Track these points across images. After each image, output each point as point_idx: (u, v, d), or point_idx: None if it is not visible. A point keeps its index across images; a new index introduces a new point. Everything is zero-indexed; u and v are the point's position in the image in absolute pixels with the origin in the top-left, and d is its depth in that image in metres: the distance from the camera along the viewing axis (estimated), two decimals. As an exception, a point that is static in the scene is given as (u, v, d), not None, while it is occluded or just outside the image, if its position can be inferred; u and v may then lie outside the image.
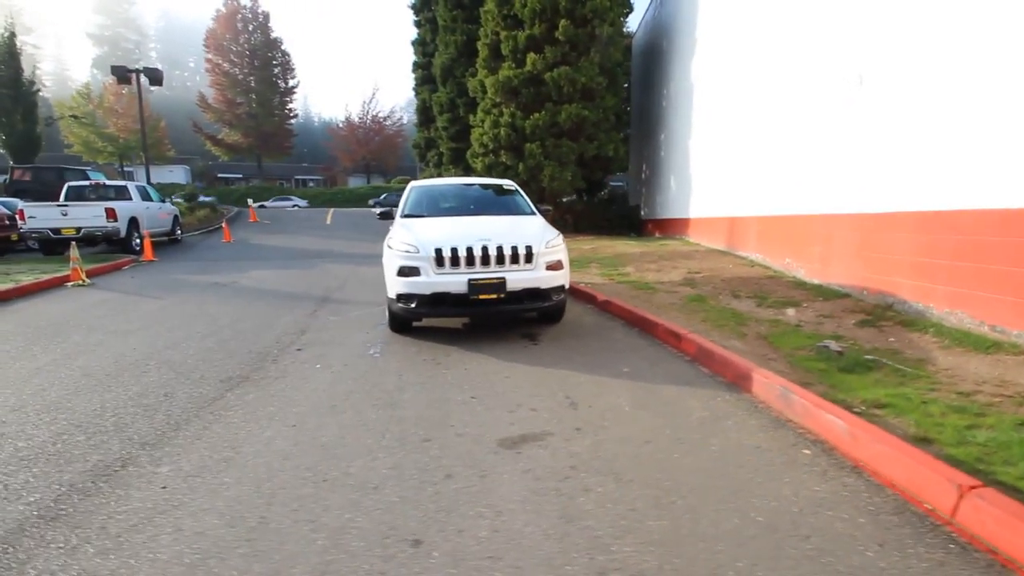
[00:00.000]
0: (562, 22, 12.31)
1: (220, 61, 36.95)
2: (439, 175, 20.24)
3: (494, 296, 4.46)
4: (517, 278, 4.50)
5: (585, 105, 12.91)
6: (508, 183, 6.41)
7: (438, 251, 4.45)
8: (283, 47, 39.12)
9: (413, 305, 4.52)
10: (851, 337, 4.31)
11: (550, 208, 8.03)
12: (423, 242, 4.54)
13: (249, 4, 38.00)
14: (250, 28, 38.00)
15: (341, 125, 51.89)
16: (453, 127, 16.97)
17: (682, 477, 2.32)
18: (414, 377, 3.77)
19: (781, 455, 2.51)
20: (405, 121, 55.44)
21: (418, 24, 20.79)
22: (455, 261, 4.45)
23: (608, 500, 2.13)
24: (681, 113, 12.07)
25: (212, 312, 6.18)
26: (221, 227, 16.99)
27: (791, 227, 6.81)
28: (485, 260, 4.47)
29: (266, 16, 38.45)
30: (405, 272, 4.51)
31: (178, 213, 15.69)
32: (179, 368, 4.03)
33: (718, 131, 9.60)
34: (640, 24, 16.63)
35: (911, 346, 3.91)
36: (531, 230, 4.88)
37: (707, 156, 10.33)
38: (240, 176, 50.76)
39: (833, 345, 3.92)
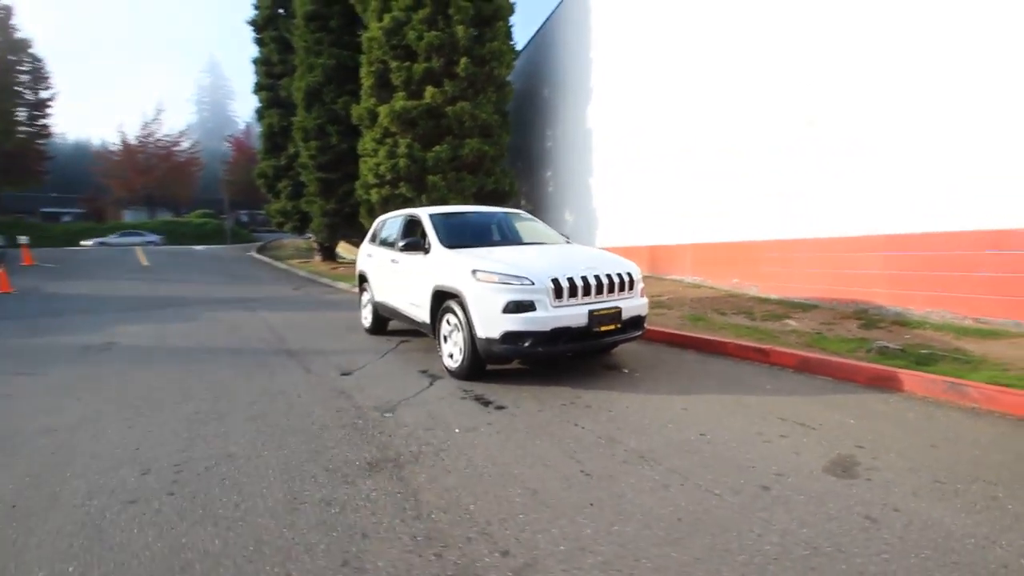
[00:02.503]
0: (463, 60, 12.35)
1: (-70, 57, 27.11)
2: (295, 209, 18.04)
3: (612, 327, 4.17)
4: (628, 306, 4.30)
5: (484, 141, 13.05)
6: (522, 212, 6.11)
7: (555, 282, 3.99)
8: (32, 50, 30.59)
9: (527, 344, 3.93)
10: (868, 337, 5.16)
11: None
12: (534, 272, 4.02)
13: (-21, -10, 28.96)
14: (-20, 20, 28.89)
15: (103, 148, 42.81)
16: (323, 156, 15.38)
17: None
18: (598, 427, 3.27)
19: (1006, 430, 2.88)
20: (202, 148, 48.42)
21: (260, 42, 18.46)
22: (573, 292, 4.05)
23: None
24: (575, 154, 13.06)
25: (148, 385, 4.41)
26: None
27: (737, 252, 7.86)
28: (599, 289, 4.17)
29: (7, 10, 29.71)
30: (516, 308, 3.92)
31: (-88, 257, 10.93)
32: (267, 468, 2.79)
33: (631, 173, 10.62)
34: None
35: (932, 340, 4.85)
36: (613, 257, 4.72)
37: (616, 194, 11.31)
38: (-50, 209, 37.53)
39: (892, 344, 4.65)
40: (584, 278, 4.10)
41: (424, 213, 5.47)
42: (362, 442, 3.10)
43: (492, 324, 3.98)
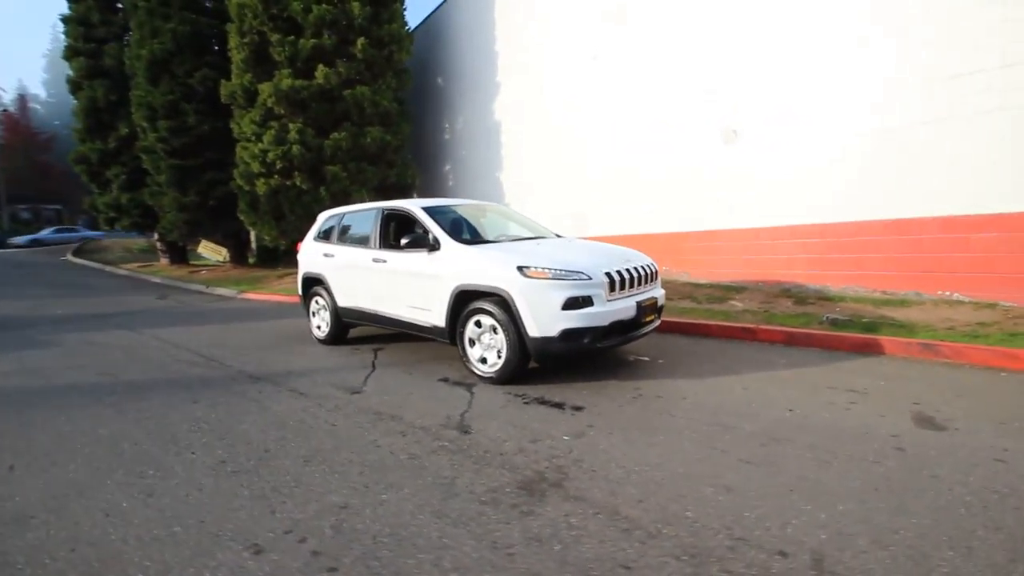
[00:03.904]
0: (360, 40, 11.36)
1: None
2: (133, 202, 14.88)
3: (652, 317, 4.27)
4: (660, 296, 4.45)
5: (386, 130, 12.22)
6: (501, 205, 5.87)
7: (608, 275, 3.93)
8: None
9: (586, 340, 3.83)
10: (808, 312, 6.05)
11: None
12: (585, 267, 3.91)
13: None
14: None
15: None
16: (178, 139, 12.87)
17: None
18: (697, 415, 3.33)
19: (1005, 380, 3.67)
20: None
21: (73, -5, 14.71)
22: (623, 285, 4.03)
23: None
24: (480, 149, 12.88)
25: (99, 437, 3.35)
26: None
27: (666, 242, 8.56)
28: (639, 281, 4.22)
29: None
30: (576, 303, 3.78)
31: None
32: (412, 515, 2.31)
33: (548, 169, 10.83)
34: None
35: (860, 311, 5.85)
36: (629, 250, 4.80)
37: (531, 189, 11.45)
38: None
39: (840, 316, 5.51)
40: (628, 271, 4.13)
41: (414, 207, 4.95)
42: (480, 466, 2.73)
43: (549, 323, 3.79)
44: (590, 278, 3.86)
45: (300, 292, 6.31)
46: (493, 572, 1.87)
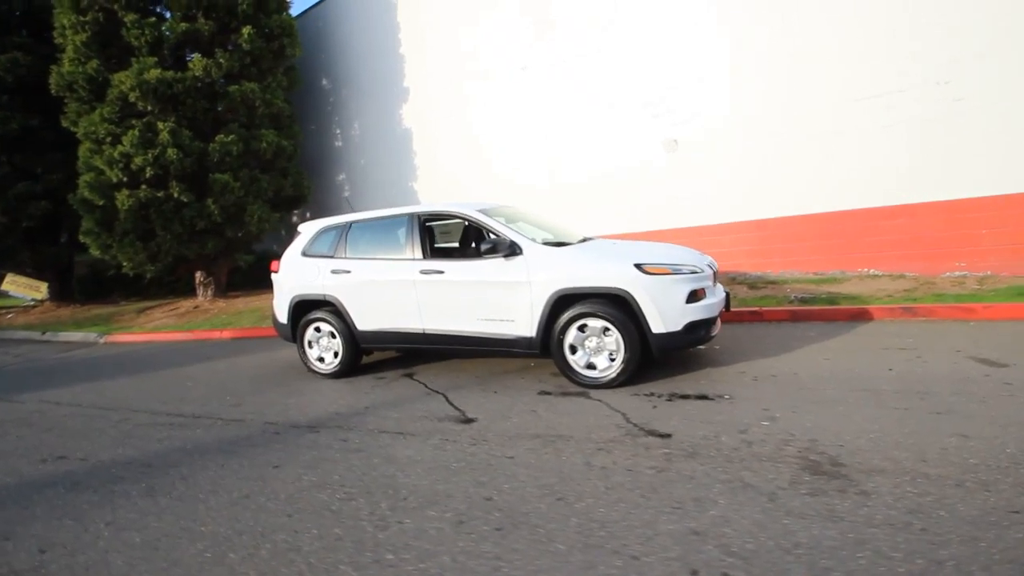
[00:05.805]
0: (246, 29, 9.82)
1: None
2: None
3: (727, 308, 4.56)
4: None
5: (280, 134, 10.75)
6: (523, 207, 5.65)
7: (710, 267, 4.12)
8: None
9: (702, 332, 3.95)
10: (770, 294, 7.06)
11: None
12: (694, 261, 4.03)
13: None
14: None
15: None
16: (-28, 140, 9.56)
17: (1029, 341, 4.21)
18: (832, 387, 3.66)
19: (978, 327, 4.78)
20: None
21: None
22: (714, 277, 4.25)
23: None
24: (386, 156, 12.12)
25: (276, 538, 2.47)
26: None
27: (613, 243, 9.13)
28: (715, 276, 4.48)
29: None
30: (696, 296, 3.89)
31: None
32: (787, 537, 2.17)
33: (476, 180, 10.61)
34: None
35: (808, 290, 6.98)
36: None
37: (451, 197, 11.16)
38: None
39: (803, 295, 6.52)
40: (711, 264, 4.37)
41: (470, 211, 4.52)
42: (736, 464, 2.65)
43: (675, 317, 3.81)
44: (703, 271, 4.00)
45: (285, 320, 5.23)
46: (937, 547, 1.87)
